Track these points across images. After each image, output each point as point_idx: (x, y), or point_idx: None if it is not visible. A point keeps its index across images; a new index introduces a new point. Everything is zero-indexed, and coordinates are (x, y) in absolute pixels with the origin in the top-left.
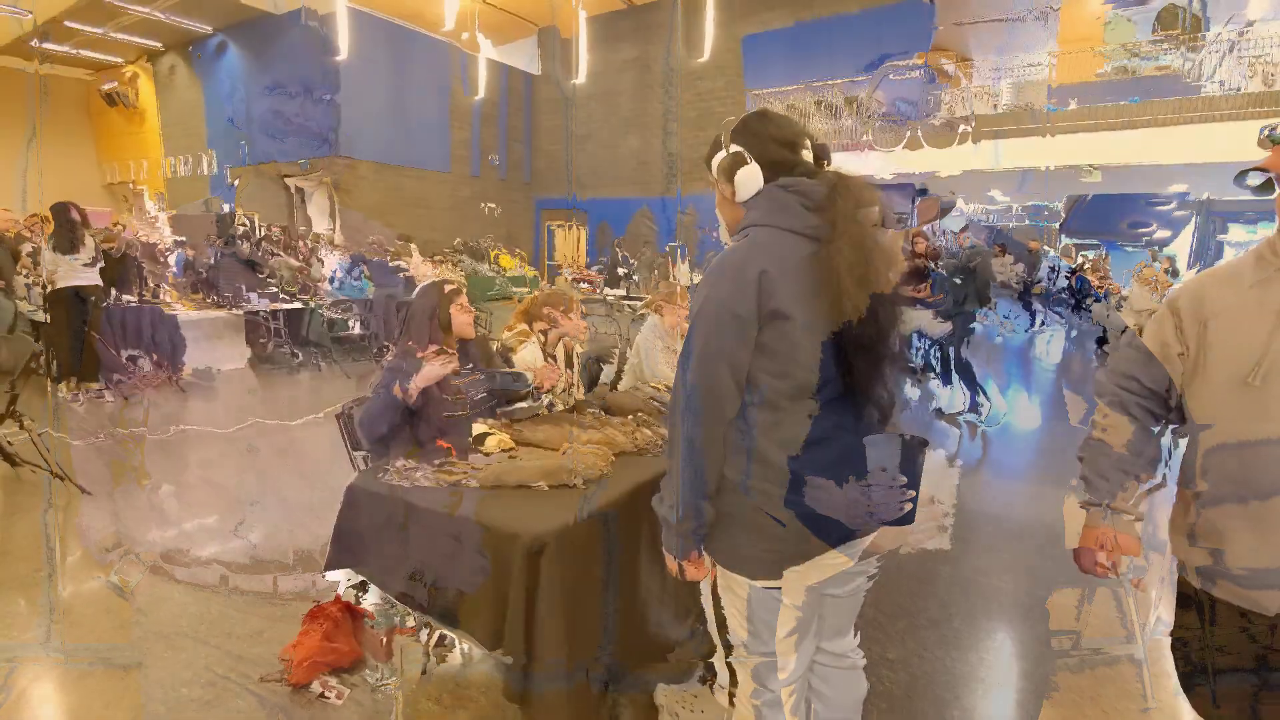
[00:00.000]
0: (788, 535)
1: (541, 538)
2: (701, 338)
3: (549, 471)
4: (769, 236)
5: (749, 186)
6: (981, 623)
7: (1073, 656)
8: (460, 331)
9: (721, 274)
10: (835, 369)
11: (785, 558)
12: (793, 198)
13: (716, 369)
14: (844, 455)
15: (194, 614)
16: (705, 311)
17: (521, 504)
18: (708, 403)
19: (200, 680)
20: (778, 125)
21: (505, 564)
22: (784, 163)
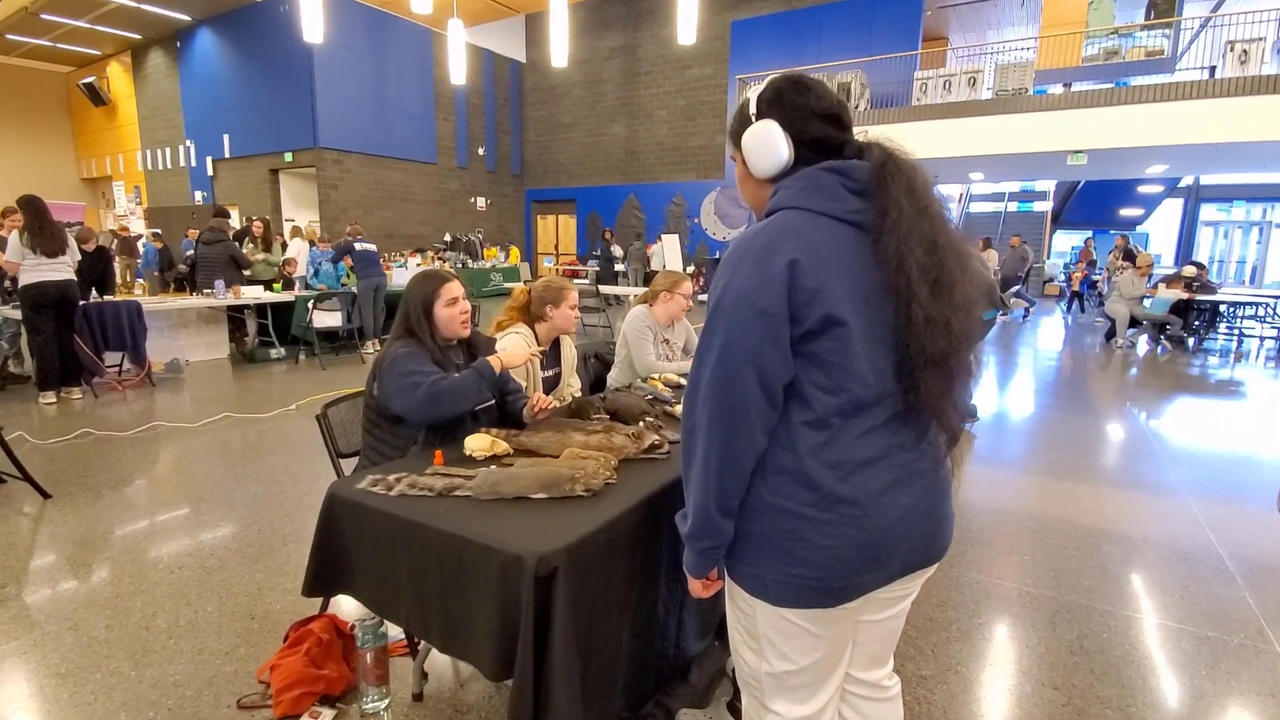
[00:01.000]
0: (832, 566)
1: (550, 560)
2: (721, 335)
3: (548, 482)
4: (800, 220)
5: (773, 160)
6: (1013, 630)
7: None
8: (451, 330)
9: (742, 260)
10: (896, 384)
11: (826, 591)
12: (832, 177)
13: (740, 373)
14: (905, 477)
15: (162, 626)
16: (724, 304)
17: (523, 519)
18: (730, 411)
19: (168, 703)
20: (819, 96)
21: (511, 589)
22: (827, 141)
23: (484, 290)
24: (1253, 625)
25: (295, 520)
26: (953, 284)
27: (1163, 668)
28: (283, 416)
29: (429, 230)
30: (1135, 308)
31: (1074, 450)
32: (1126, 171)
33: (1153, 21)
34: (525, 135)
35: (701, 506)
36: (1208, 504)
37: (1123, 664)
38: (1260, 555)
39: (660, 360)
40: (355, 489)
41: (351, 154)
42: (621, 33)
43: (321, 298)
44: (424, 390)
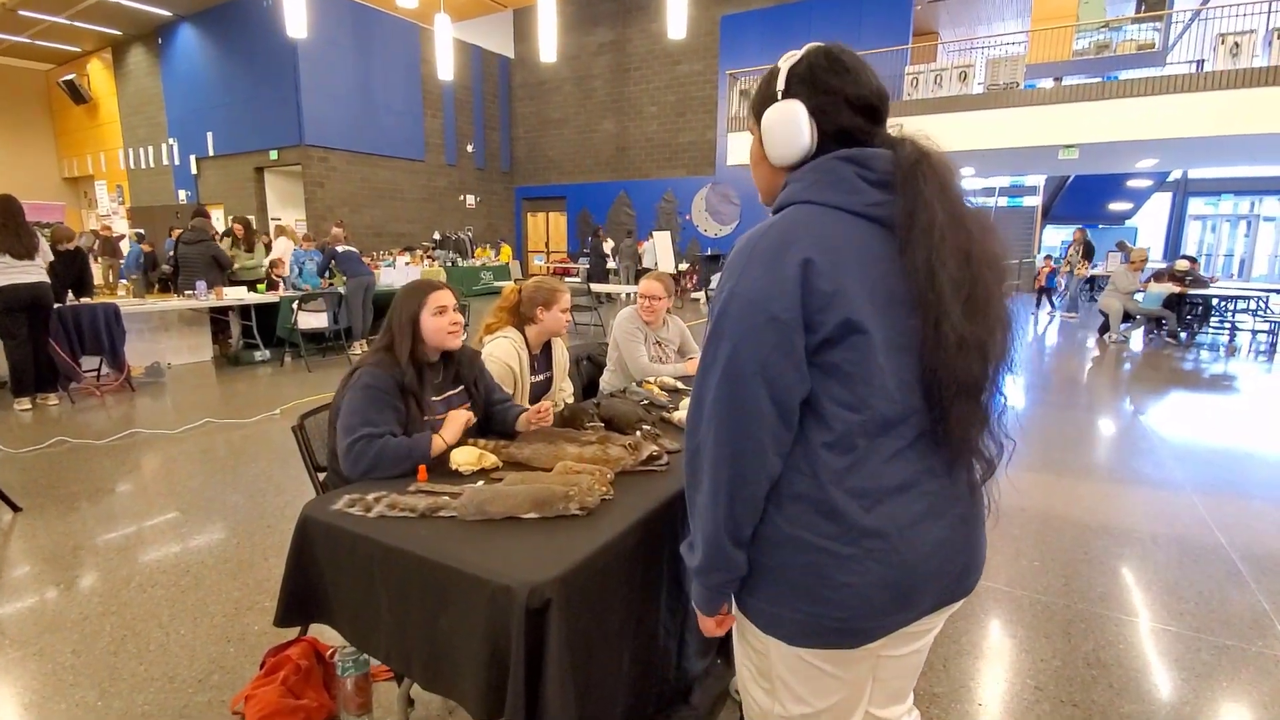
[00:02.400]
0: (856, 606)
1: (543, 590)
2: (728, 346)
3: (541, 501)
4: (813, 215)
5: (792, 148)
6: (1027, 642)
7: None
8: (439, 341)
9: (750, 262)
10: (923, 402)
11: (849, 632)
12: (848, 167)
13: (749, 387)
14: (937, 506)
15: (132, 651)
16: (730, 311)
17: (513, 543)
18: (739, 431)
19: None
20: (857, 80)
21: (501, 622)
22: (856, 134)
23: (474, 289)
24: (1270, 631)
25: (277, 533)
26: (988, 300)
27: (1183, 680)
28: (266, 421)
29: (417, 228)
30: (1128, 302)
31: (1074, 447)
32: (1117, 166)
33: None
34: (514, 132)
35: (711, 537)
36: (1212, 501)
37: (1141, 677)
38: (1270, 556)
39: (654, 363)
40: (331, 510)
41: (338, 151)
42: (611, 28)
43: (306, 298)
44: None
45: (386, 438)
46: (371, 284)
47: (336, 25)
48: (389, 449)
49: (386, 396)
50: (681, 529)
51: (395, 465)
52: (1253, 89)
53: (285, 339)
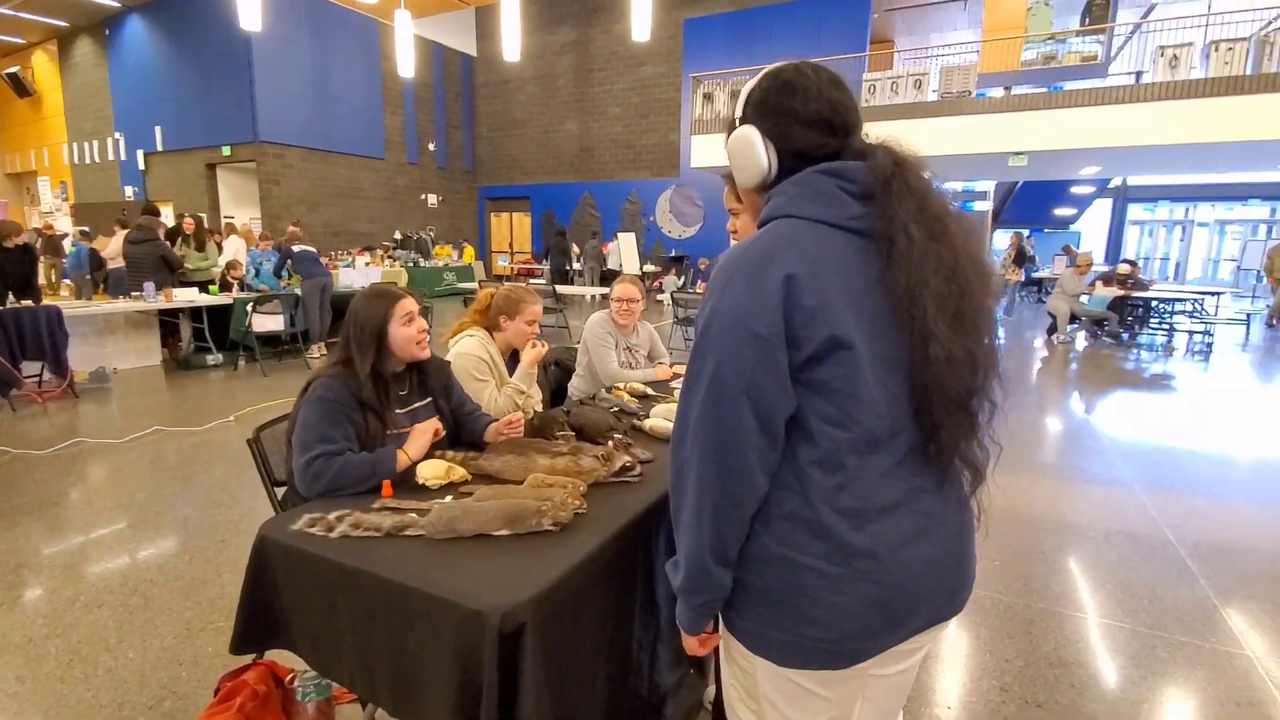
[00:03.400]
0: (846, 627)
1: (516, 614)
2: (711, 364)
3: (512, 516)
4: (796, 229)
5: (751, 172)
6: (992, 643)
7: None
8: (409, 353)
9: (732, 278)
10: (912, 418)
11: (839, 653)
12: (828, 180)
13: (733, 407)
14: (928, 525)
15: (78, 677)
16: (713, 328)
17: (484, 563)
18: (724, 450)
19: None
20: (807, 97)
21: (472, 648)
22: (812, 151)
23: (437, 290)
24: (1221, 629)
25: (232, 547)
26: (976, 311)
27: (1141, 678)
28: (220, 429)
29: (377, 228)
30: (1075, 305)
31: (1027, 446)
32: (1063, 172)
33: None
34: (477, 131)
35: (695, 557)
36: (1159, 498)
37: (1102, 676)
38: (1215, 552)
39: (624, 368)
40: (290, 530)
41: (294, 148)
42: (574, 28)
43: (262, 300)
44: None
45: (346, 455)
46: (329, 285)
47: (293, 19)
48: (350, 467)
49: (343, 409)
50: (655, 540)
51: (356, 484)
52: (1189, 100)
53: (239, 342)
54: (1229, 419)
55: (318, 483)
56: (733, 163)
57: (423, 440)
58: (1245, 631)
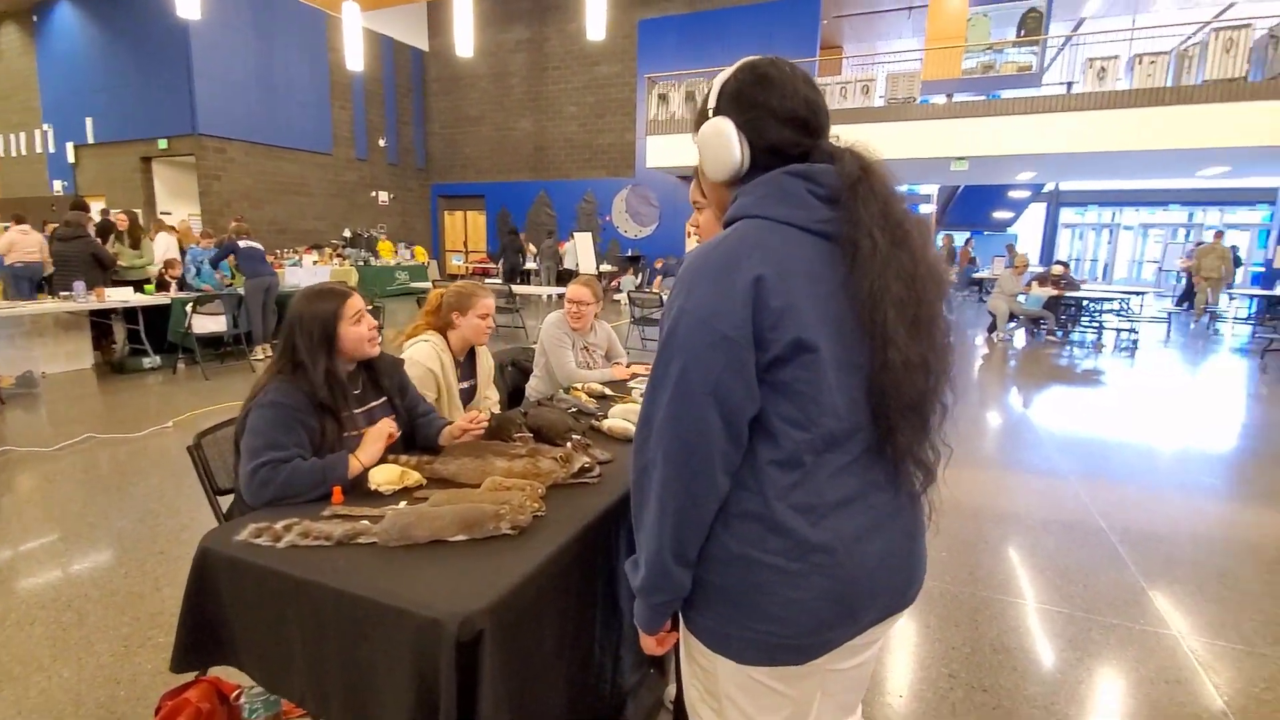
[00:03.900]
0: (803, 622)
1: (474, 621)
2: (678, 365)
3: (469, 521)
4: (764, 230)
5: (723, 165)
6: (940, 632)
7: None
8: (360, 351)
9: (699, 278)
10: (870, 419)
11: (797, 649)
12: (798, 182)
13: (700, 408)
14: (880, 520)
15: (8, 699)
16: (680, 329)
17: (440, 570)
18: (689, 452)
19: None
20: (784, 94)
21: (429, 658)
22: (786, 149)
23: (389, 290)
24: (1150, 611)
25: (171, 560)
26: (932, 318)
27: (1078, 660)
28: (158, 435)
29: (325, 225)
30: (1013, 304)
31: (970, 439)
32: (1001, 177)
33: (1022, 39)
34: (429, 127)
35: (656, 557)
36: (1092, 487)
37: (1042, 659)
38: (1143, 538)
39: (582, 369)
40: (235, 541)
41: (236, 142)
42: (528, 25)
43: (202, 299)
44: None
45: (296, 461)
46: (274, 285)
47: (234, 7)
48: (299, 474)
49: (298, 414)
50: (615, 542)
51: (307, 491)
52: (1115, 110)
53: (178, 344)
54: (1153, 411)
55: (265, 491)
56: (703, 154)
57: (376, 445)
58: (1171, 612)
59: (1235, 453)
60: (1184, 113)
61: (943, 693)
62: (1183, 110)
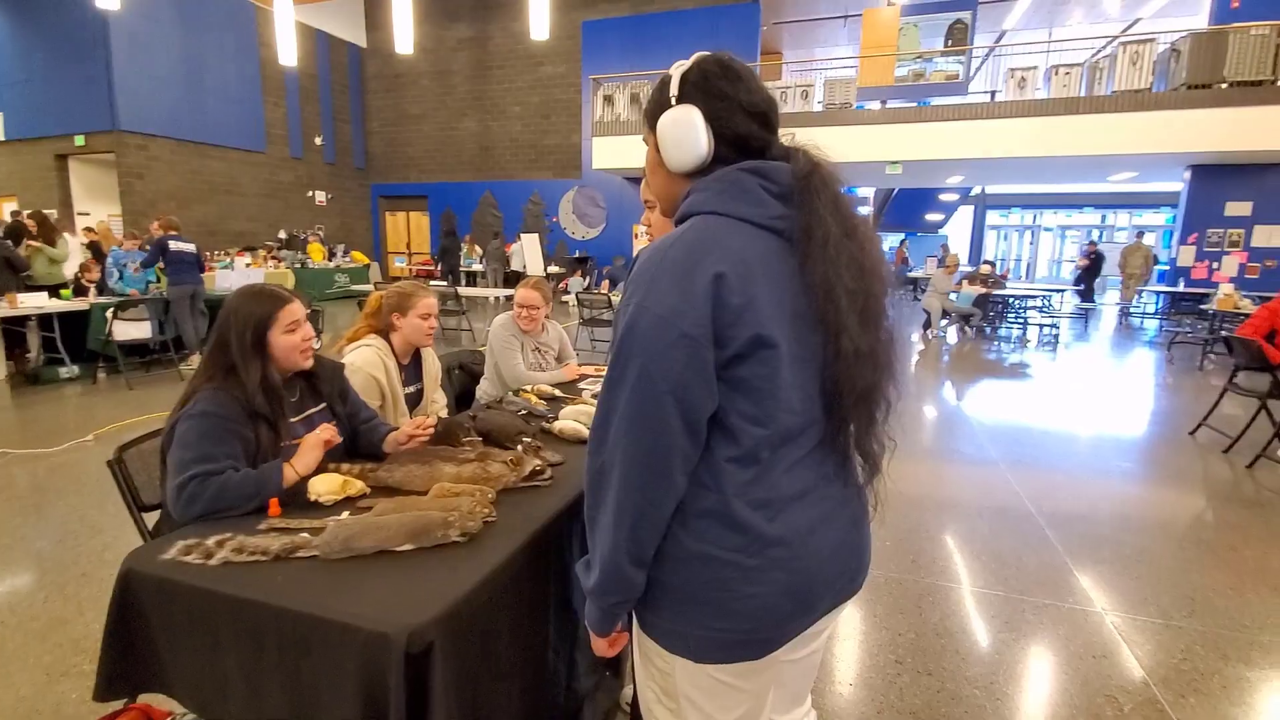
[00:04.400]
0: (762, 616)
1: (424, 633)
2: (637, 364)
3: (417, 530)
4: (720, 227)
5: (690, 153)
6: (887, 620)
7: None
8: (291, 362)
9: (658, 275)
10: (822, 413)
11: (756, 643)
12: (753, 179)
13: (660, 407)
14: (832, 511)
15: None
16: (639, 327)
17: (387, 581)
18: (649, 452)
19: None
20: (749, 88)
21: (377, 674)
22: (751, 141)
23: (328, 293)
24: (1077, 590)
25: (94, 582)
26: (879, 311)
27: (1014, 640)
28: (77, 450)
29: (259, 226)
30: (945, 302)
31: (909, 431)
32: (932, 181)
33: (949, 49)
34: (369, 126)
35: (610, 559)
36: (1021, 474)
37: (981, 640)
38: (1067, 520)
39: (533, 370)
40: (162, 560)
41: (160, 139)
42: (470, 24)
43: (124, 305)
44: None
45: (227, 474)
46: (199, 292)
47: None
48: (230, 487)
49: (231, 425)
50: (568, 545)
51: (239, 505)
52: (1034, 118)
53: (99, 352)
54: (1073, 401)
55: (193, 507)
56: (665, 144)
57: (313, 454)
58: (1095, 590)
59: (1146, 437)
60: (1096, 121)
61: (890, 678)
62: (1094, 119)
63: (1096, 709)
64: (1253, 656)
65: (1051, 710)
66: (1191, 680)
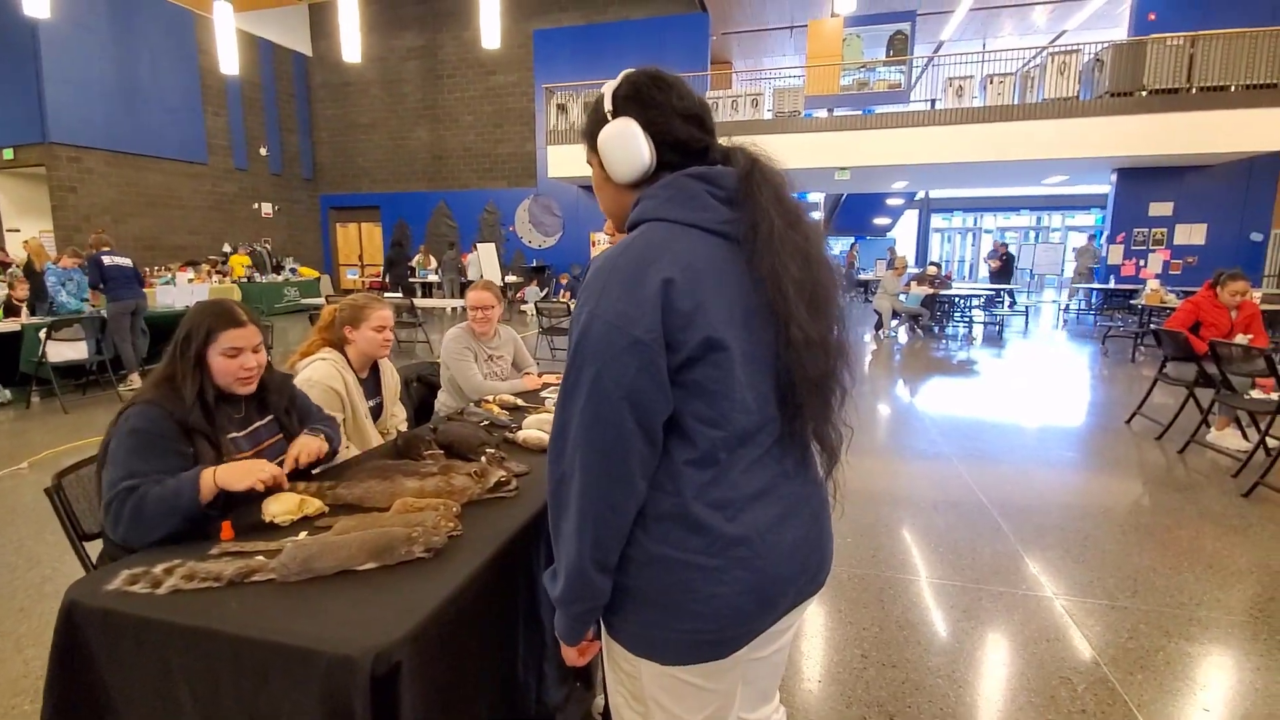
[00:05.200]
0: (726, 616)
1: (390, 654)
2: (590, 371)
3: (379, 547)
4: (669, 233)
5: (634, 163)
6: (850, 614)
7: None
8: (225, 385)
9: (609, 282)
10: (778, 409)
11: (720, 642)
12: (699, 184)
13: (615, 413)
14: (792, 507)
15: None
16: (592, 334)
17: (349, 602)
18: (607, 459)
19: None
20: (680, 94)
21: (341, 700)
22: (691, 144)
23: (277, 308)
24: (1030, 577)
25: (33, 617)
26: (828, 299)
27: (973, 628)
28: (11, 478)
29: (203, 240)
30: (895, 303)
31: (865, 429)
32: (878, 186)
33: (890, 59)
34: (316, 136)
35: (575, 566)
36: (972, 467)
37: (942, 630)
38: (1018, 510)
39: (490, 379)
40: (106, 591)
41: (94, 151)
42: (419, 32)
43: (58, 324)
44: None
45: (144, 488)
46: (140, 307)
47: (88, 6)
48: (148, 500)
49: (163, 441)
50: (536, 556)
51: (161, 520)
52: (971, 125)
53: (32, 375)
54: (1018, 395)
55: (118, 527)
56: (609, 158)
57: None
58: (1045, 576)
59: (1087, 428)
60: (1028, 127)
61: (856, 672)
62: (1027, 125)
63: (1052, 690)
64: (1192, 632)
65: (1010, 695)
66: (1138, 658)
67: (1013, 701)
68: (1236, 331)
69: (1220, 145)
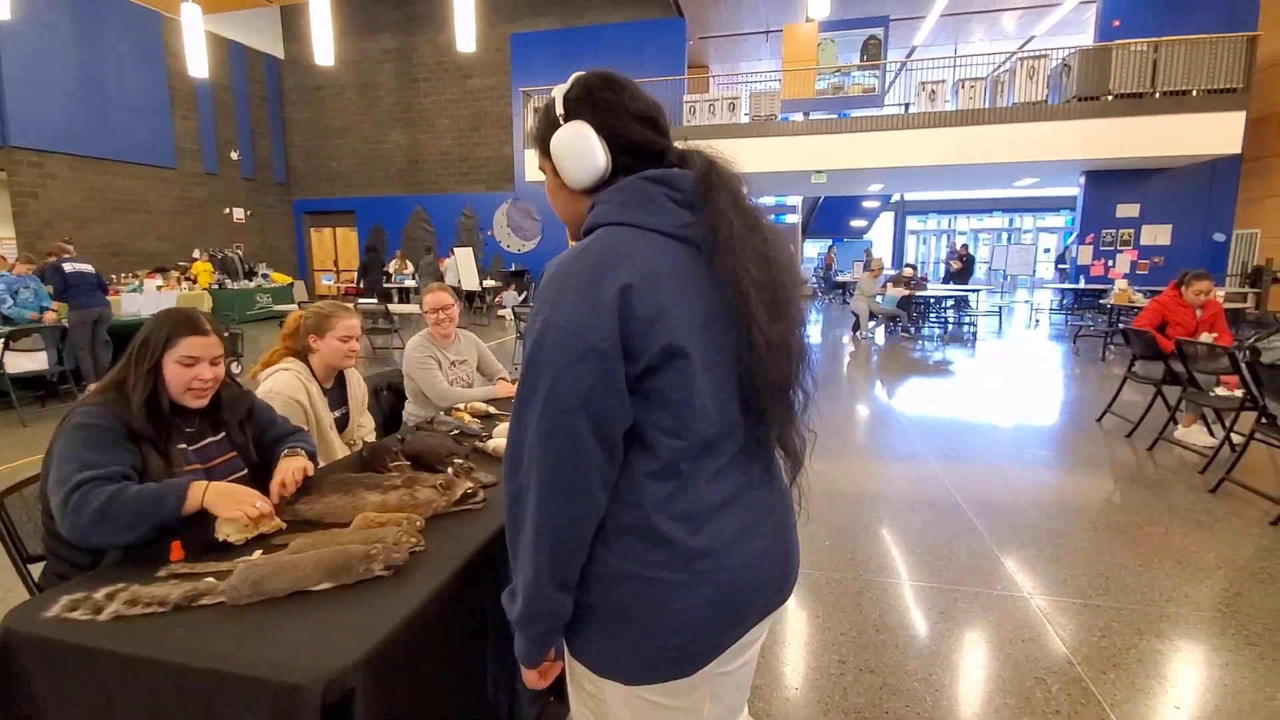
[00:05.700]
0: (692, 631)
1: (343, 680)
2: (546, 379)
3: (335, 566)
4: (626, 238)
5: (588, 167)
6: (828, 619)
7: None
8: (177, 396)
9: (564, 289)
10: (740, 416)
11: (687, 659)
12: (656, 188)
13: (572, 425)
14: (757, 517)
15: None
16: (546, 343)
17: (302, 625)
18: (564, 471)
19: None
20: (633, 95)
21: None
22: (646, 146)
23: (249, 315)
24: (1005, 577)
25: None
26: (788, 302)
27: (950, 630)
28: None
29: (171, 246)
30: (872, 304)
31: (842, 430)
32: (854, 188)
33: (864, 64)
34: (289, 139)
35: (533, 584)
36: (948, 467)
37: (919, 633)
38: (992, 509)
39: (457, 386)
40: (44, 619)
41: (56, 155)
42: (394, 35)
43: (17, 334)
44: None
45: (123, 484)
46: (104, 315)
47: (49, 6)
48: (125, 497)
49: (111, 434)
50: (504, 568)
51: (134, 522)
52: (944, 129)
53: None
54: (992, 394)
55: (80, 518)
56: (562, 163)
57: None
58: (1020, 575)
59: (1059, 426)
60: (999, 131)
61: (834, 679)
62: (998, 129)
63: (1026, 691)
64: (1163, 629)
65: (987, 697)
66: (1111, 656)
67: (989, 704)
68: (1201, 330)
69: (1183, 148)
